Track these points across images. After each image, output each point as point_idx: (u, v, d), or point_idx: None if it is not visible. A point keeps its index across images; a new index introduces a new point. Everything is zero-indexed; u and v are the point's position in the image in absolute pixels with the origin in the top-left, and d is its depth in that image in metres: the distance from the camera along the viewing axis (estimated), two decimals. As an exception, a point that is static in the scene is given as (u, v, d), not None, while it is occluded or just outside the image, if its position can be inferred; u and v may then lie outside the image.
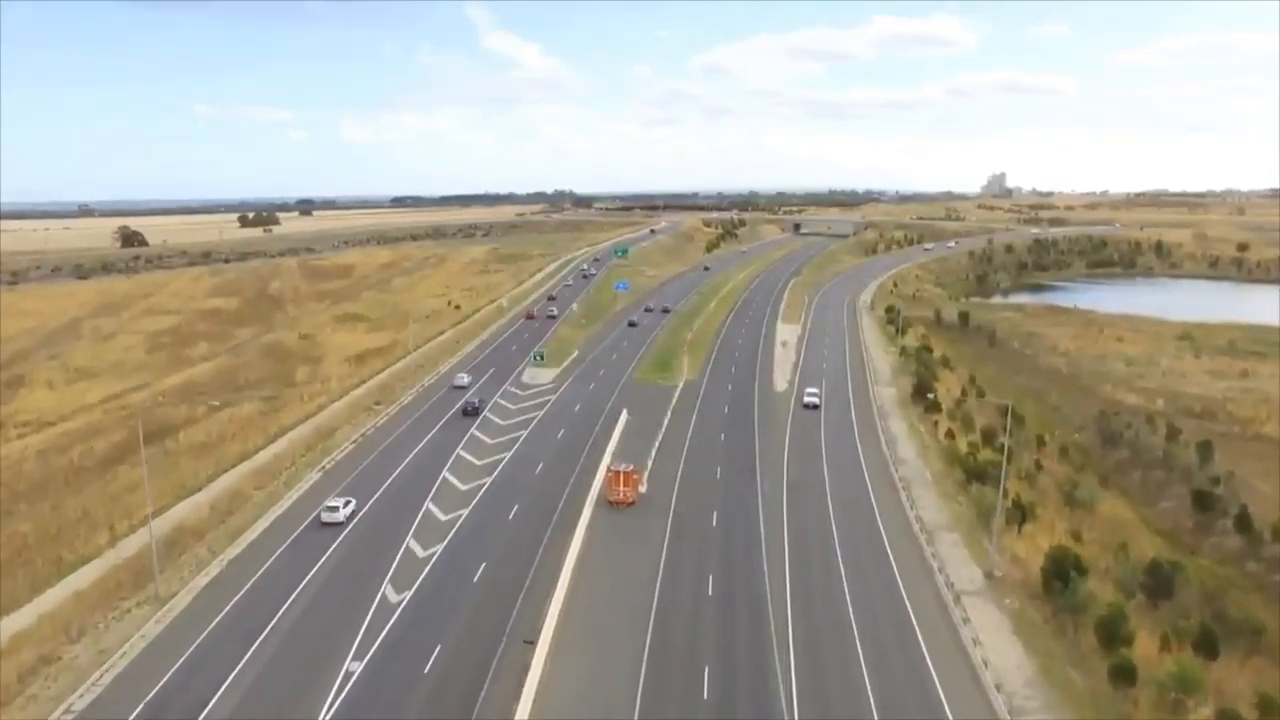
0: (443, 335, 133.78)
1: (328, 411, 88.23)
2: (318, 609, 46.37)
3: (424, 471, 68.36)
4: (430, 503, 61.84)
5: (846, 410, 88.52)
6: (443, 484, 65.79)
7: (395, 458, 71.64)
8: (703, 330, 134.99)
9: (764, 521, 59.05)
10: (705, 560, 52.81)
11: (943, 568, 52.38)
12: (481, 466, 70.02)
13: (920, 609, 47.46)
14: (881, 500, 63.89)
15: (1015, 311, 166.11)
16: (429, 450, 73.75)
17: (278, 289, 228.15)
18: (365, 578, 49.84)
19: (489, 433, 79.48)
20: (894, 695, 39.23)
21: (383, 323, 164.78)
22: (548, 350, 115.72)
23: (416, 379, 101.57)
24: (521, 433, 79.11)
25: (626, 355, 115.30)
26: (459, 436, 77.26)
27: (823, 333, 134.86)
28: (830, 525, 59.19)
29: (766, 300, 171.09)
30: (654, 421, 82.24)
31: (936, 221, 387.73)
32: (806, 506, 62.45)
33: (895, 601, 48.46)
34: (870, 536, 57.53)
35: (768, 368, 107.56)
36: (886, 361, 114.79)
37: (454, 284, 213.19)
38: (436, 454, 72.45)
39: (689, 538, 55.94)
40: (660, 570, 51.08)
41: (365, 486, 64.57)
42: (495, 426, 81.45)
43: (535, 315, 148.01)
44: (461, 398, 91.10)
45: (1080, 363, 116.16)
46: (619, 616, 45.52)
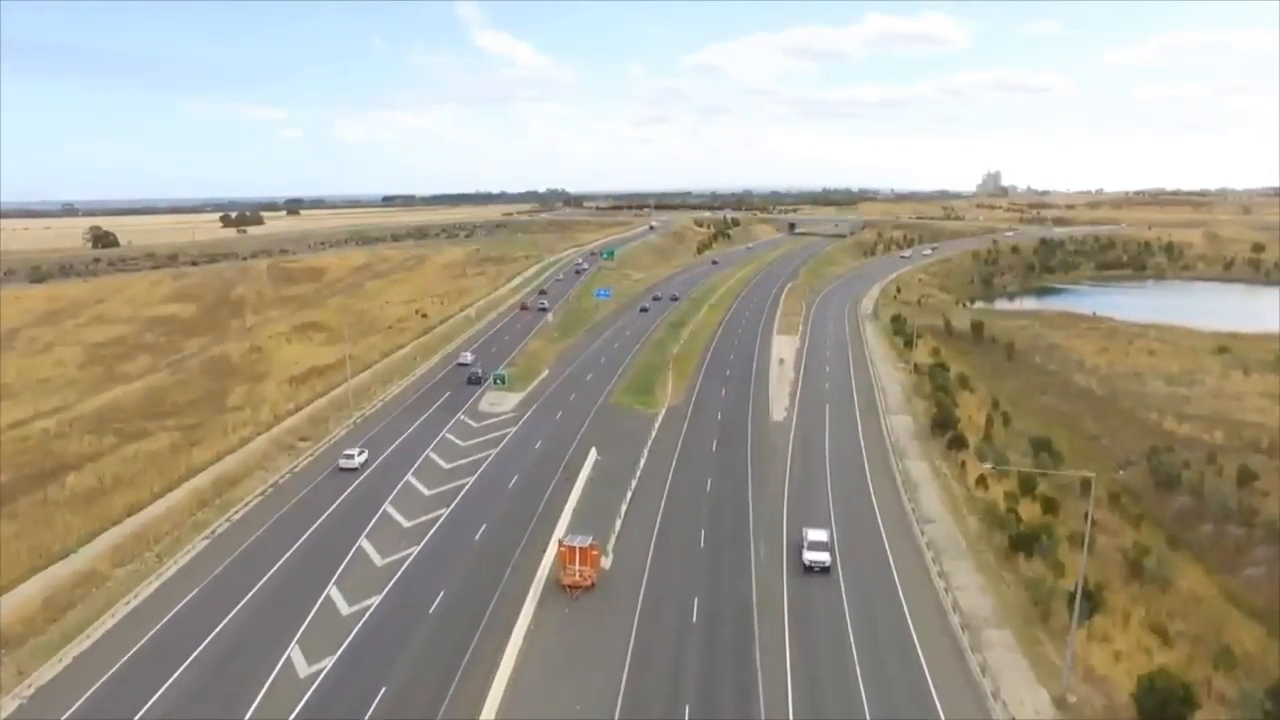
0: (402, 350, 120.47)
1: (246, 450, 74.86)
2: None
3: (323, 554, 52.93)
4: (297, 645, 42.43)
5: (856, 450, 75.25)
6: (345, 577, 52.23)
7: (291, 530, 56.83)
8: (691, 343, 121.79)
9: (759, 614, 45.89)
10: (681, 683, 39.60)
11: (997, 689, 39.25)
12: (408, 531, 56.62)
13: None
14: (908, 579, 50.68)
15: (1030, 319, 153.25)
16: (341, 515, 59.76)
17: (240, 294, 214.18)
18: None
19: (427, 480, 66.13)
20: None
21: (342, 333, 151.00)
22: (514, 370, 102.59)
23: (358, 405, 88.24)
24: (467, 480, 65.78)
25: (604, 373, 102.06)
26: (385, 492, 63.80)
27: (823, 346, 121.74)
28: (844, 618, 46.03)
29: (761, 307, 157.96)
30: (628, 463, 69.02)
31: (935, 221, 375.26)
32: (813, 588, 49.28)
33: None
34: (897, 637, 44.33)
35: (762, 391, 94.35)
36: (896, 380, 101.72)
37: (428, 289, 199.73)
38: (348, 522, 58.52)
39: (660, 647, 42.62)
40: (619, 700, 37.91)
41: (240, 575, 50.12)
42: (435, 473, 68.00)
43: (529, 307, 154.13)
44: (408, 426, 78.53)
45: (1114, 382, 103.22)
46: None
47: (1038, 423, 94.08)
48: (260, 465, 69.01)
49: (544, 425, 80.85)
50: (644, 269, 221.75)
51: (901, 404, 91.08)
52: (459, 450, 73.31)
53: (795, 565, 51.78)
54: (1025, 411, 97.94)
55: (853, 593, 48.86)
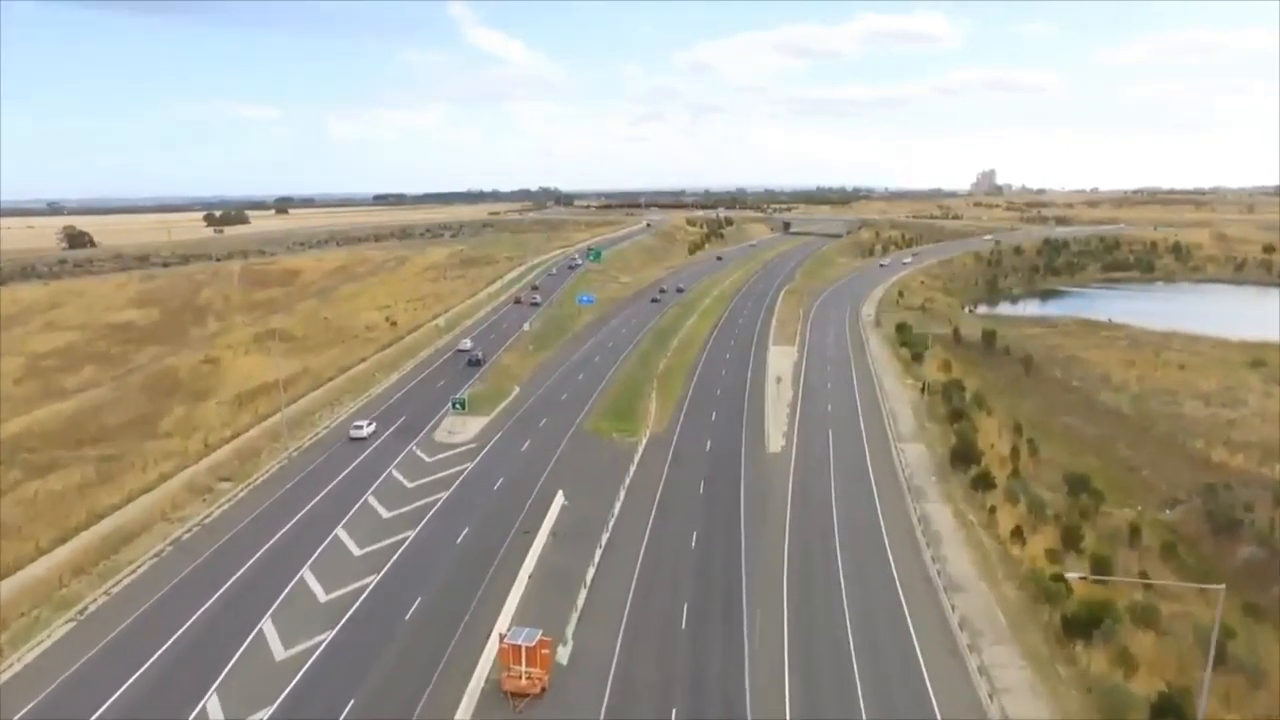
0: (364, 362, 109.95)
1: (162, 490, 64.45)
2: None
3: (209, 648, 41.95)
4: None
5: (867, 491, 64.96)
6: (228, 683, 41.66)
7: (177, 610, 45.58)
8: (679, 355, 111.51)
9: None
10: None
11: None
12: (322, 609, 46.20)
13: None
14: (940, 677, 40.44)
15: (1043, 327, 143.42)
16: (242, 590, 48.93)
17: (207, 298, 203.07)
18: None
19: (360, 534, 55.69)
20: None
21: (306, 342, 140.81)
22: (482, 388, 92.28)
23: (302, 431, 77.84)
24: (407, 535, 55.39)
25: (581, 392, 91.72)
26: (305, 554, 53.32)
27: (824, 359, 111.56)
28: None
29: (756, 313, 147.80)
30: (600, 509, 58.75)
31: (935, 220, 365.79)
32: (823, 693, 39.08)
33: None
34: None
35: (757, 414, 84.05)
36: (906, 400, 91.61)
37: (405, 292, 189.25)
38: (249, 600, 47.95)
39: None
40: None
41: (99, 673, 39.90)
42: (370, 526, 57.48)
43: (522, 300, 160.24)
44: (350, 462, 68.31)
45: (1146, 401, 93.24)
46: None
47: (1065, 449, 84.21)
48: (166, 515, 58.43)
49: (507, 458, 70.47)
50: (633, 271, 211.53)
51: (914, 429, 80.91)
52: (403, 494, 62.82)
53: (799, 655, 41.60)
54: (1049, 435, 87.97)
55: (871, 695, 38.73)
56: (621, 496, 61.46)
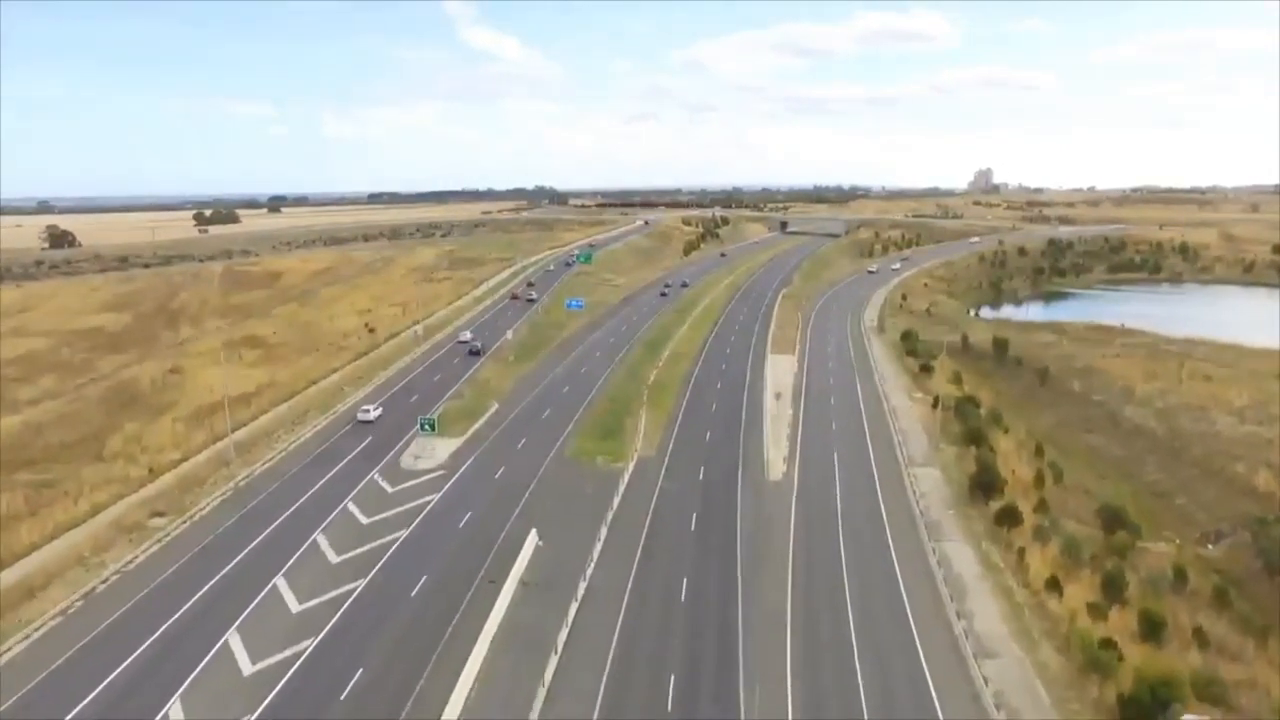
0: (335, 374, 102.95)
1: (90, 525, 57.46)
2: None
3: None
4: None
5: (879, 527, 58.07)
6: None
7: (72, 691, 38.40)
8: (672, 366, 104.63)
9: None
10: None
11: None
12: (246, 684, 39.17)
13: None
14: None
15: (1055, 333, 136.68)
16: (158, 655, 41.81)
17: (183, 302, 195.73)
18: None
19: (303, 585, 48.67)
20: None
21: (280, 349, 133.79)
22: (457, 405, 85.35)
23: (257, 454, 70.90)
24: (356, 585, 48.42)
25: (565, 408, 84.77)
26: (241, 602, 46.38)
27: (826, 369, 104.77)
28: None
29: (753, 319, 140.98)
30: (578, 551, 51.92)
31: (934, 220, 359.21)
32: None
33: None
34: None
35: (756, 434, 77.16)
36: (915, 416, 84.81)
37: (389, 295, 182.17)
38: (164, 667, 41.02)
39: None
40: None
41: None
42: (316, 573, 50.46)
43: (519, 296, 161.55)
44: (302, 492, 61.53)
45: (1175, 418, 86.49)
46: None
47: (1090, 472, 77.69)
48: (84, 559, 51.39)
49: (478, 488, 63.53)
50: (626, 273, 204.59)
51: (926, 452, 74.08)
52: (357, 533, 55.82)
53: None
54: (1071, 455, 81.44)
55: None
56: (603, 535, 54.58)
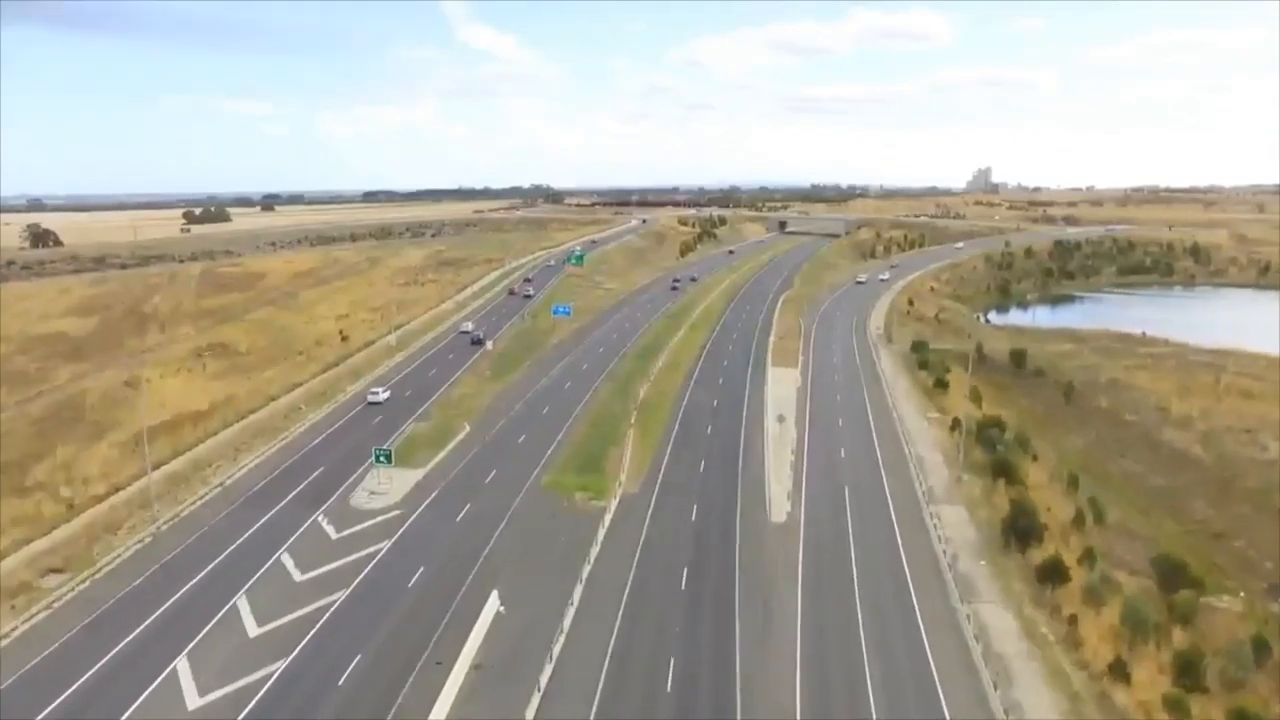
0: (299, 388, 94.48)
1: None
2: None
3: None
4: None
5: (900, 584, 49.70)
6: None
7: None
8: (664, 380, 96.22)
9: None
10: None
11: None
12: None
13: None
14: None
15: (1073, 341, 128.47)
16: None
17: (156, 305, 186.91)
18: None
19: (208, 669, 40.12)
20: None
21: (248, 358, 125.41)
22: (426, 427, 76.93)
23: (187, 492, 62.40)
24: (274, 667, 39.93)
25: (544, 431, 76.33)
26: (129, 694, 37.88)
27: (831, 385, 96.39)
28: None
29: (752, 326, 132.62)
30: (546, 618, 43.65)
31: (938, 220, 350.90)
32: None
33: None
34: None
35: (756, 464, 68.73)
36: (933, 441, 76.47)
37: (371, 299, 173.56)
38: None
39: None
40: None
41: None
42: (227, 653, 41.83)
43: (516, 291, 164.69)
44: (233, 539, 53.11)
45: (1220, 442, 78.16)
46: None
47: (1130, 505, 69.36)
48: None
49: (436, 534, 55.08)
50: (618, 275, 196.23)
51: (947, 484, 65.73)
52: (288, 595, 47.32)
53: None
54: (1106, 484, 73.17)
55: None
56: (577, 598, 46.21)
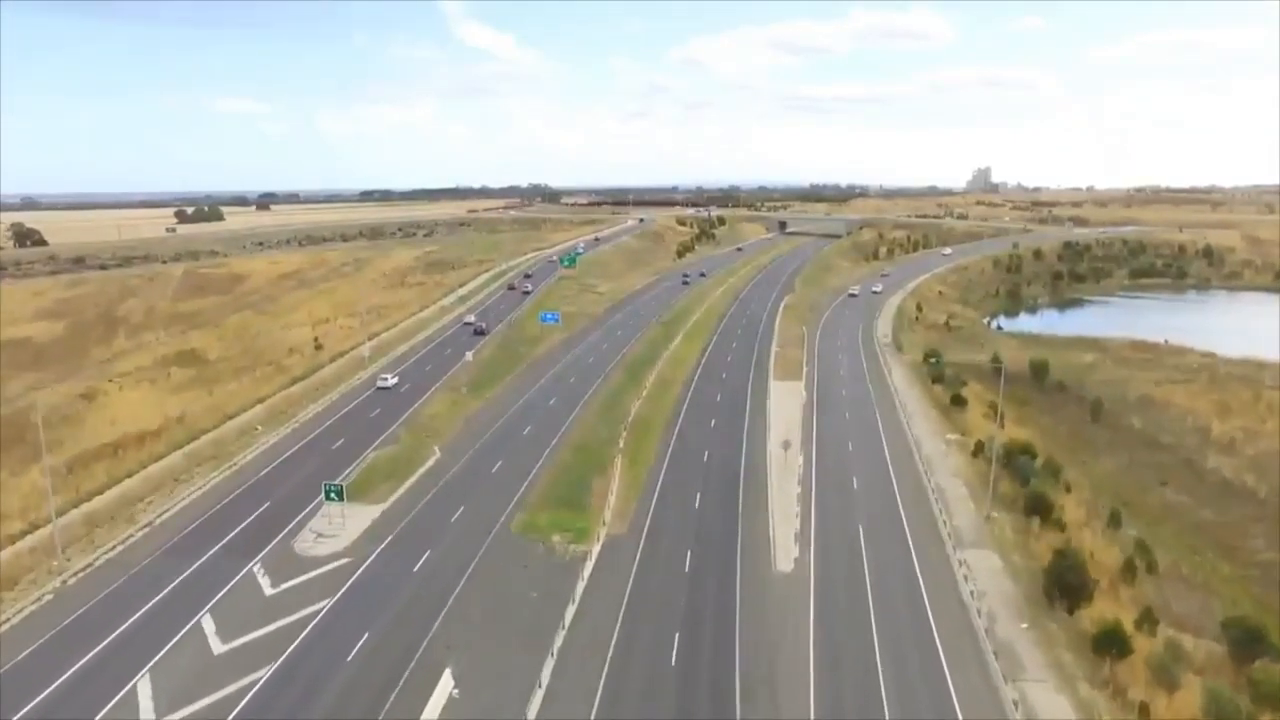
0: (260, 404, 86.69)
1: None
2: None
3: None
4: None
5: (931, 653, 42.05)
6: None
7: None
8: (658, 396, 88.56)
9: None
10: None
11: None
12: None
13: None
14: None
15: (1094, 351, 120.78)
16: None
17: (129, 309, 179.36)
18: None
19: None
20: None
21: (215, 368, 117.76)
22: (389, 454, 69.21)
23: (110, 534, 54.64)
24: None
25: (520, 458, 68.60)
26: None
27: (840, 402, 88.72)
28: None
29: (752, 334, 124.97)
30: (508, 702, 36.00)
31: (942, 221, 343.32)
32: None
33: None
34: None
35: (758, 498, 61.04)
36: (954, 468, 68.84)
37: (354, 302, 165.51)
38: None
39: None
40: None
41: None
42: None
43: (515, 286, 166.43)
44: (149, 596, 45.43)
45: (1273, 470, 70.49)
46: None
47: (1178, 542, 61.83)
48: None
49: (388, 589, 47.37)
50: (612, 278, 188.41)
51: (975, 522, 58.10)
52: (201, 671, 39.56)
53: None
54: (1146, 517, 65.70)
55: None
56: (546, 677, 38.57)
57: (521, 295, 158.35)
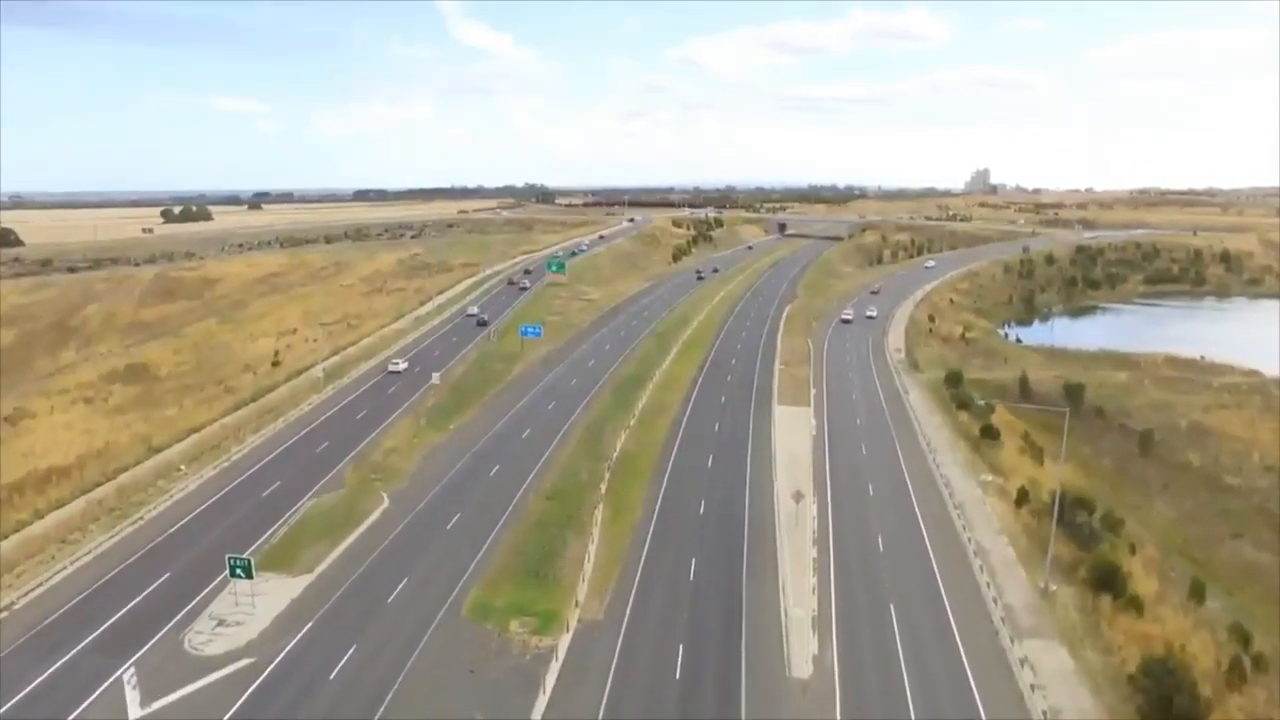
0: (193, 435, 75.62)
1: None
2: None
3: None
4: None
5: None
6: None
7: None
8: (648, 426, 77.90)
9: None
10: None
11: None
12: None
13: None
14: None
15: (1125, 368, 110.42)
16: None
17: (88, 315, 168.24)
18: None
19: None
20: None
21: (161, 386, 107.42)
22: (325, 507, 58.51)
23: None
24: None
25: (483, 511, 57.88)
26: None
27: (854, 433, 78.13)
28: None
29: (753, 350, 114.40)
30: None
31: (947, 223, 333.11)
32: None
33: None
34: None
35: (765, 569, 50.38)
36: (995, 521, 58.30)
37: (328, 309, 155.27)
38: None
39: None
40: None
41: None
42: None
43: (514, 282, 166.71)
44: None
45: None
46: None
47: (1266, 616, 51.33)
48: None
49: (295, 704, 36.68)
50: (604, 284, 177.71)
51: (1031, 599, 47.48)
52: None
53: None
54: (1220, 575, 55.32)
55: None
56: None
57: (520, 290, 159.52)
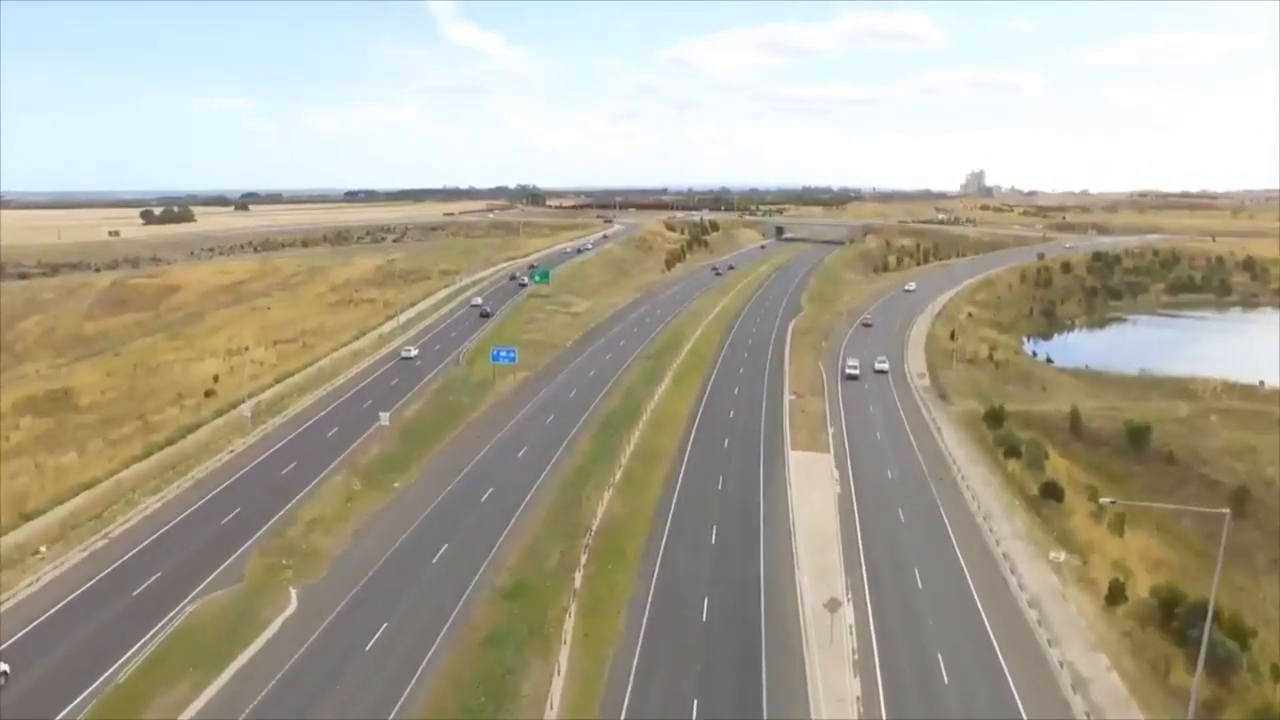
0: (84, 493, 61.93)
1: None
2: None
3: None
4: None
5: None
6: None
7: None
8: (637, 480, 64.31)
9: None
10: None
11: None
12: None
13: None
14: None
15: (1181, 396, 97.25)
16: None
17: (25, 329, 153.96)
18: None
19: None
20: None
21: (79, 419, 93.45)
22: (206, 619, 44.83)
23: None
24: None
25: (422, 615, 44.30)
26: None
27: (885, 491, 64.59)
28: None
29: (757, 375, 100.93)
30: None
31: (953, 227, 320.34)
32: None
33: None
34: None
35: (794, 712, 36.88)
36: (1083, 627, 45.00)
37: (292, 322, 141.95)
38: None
39: None
40: None
41: None
42: None
43: (516, 277, 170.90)
44: None
45: None
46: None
47: None
48: None
49: None
50: (591, 294, 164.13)
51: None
52: None
53: None
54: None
55: None
56: None
57: (518, 287, 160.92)
